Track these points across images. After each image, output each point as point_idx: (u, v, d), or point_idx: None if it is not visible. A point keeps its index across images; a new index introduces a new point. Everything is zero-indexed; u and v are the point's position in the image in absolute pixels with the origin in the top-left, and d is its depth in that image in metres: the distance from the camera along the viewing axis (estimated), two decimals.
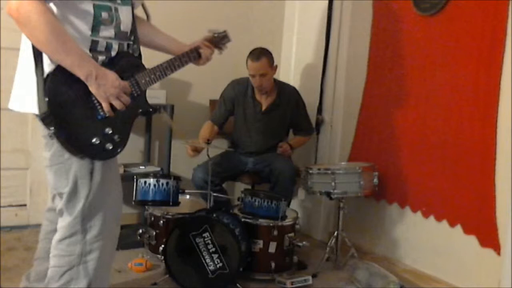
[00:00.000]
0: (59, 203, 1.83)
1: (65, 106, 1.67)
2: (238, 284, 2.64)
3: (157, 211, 2.92)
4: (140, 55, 1.93)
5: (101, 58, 1.77)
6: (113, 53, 1.81)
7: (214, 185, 3.07)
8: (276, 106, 3.39)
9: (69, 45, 1.63)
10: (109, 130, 1.76)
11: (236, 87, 3.42)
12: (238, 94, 3.40)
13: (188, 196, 3.16)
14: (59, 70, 1.65)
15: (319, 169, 2.99)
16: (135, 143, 3.59)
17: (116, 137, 1.78)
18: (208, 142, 2.94)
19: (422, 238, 3.06)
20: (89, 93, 1.70)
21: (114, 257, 1.98)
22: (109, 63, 1.78)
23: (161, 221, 2.89)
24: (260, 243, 2.80)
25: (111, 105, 1.73)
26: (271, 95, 3.39)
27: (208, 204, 2.85)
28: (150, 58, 1.98)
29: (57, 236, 1.83)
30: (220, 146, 3.47)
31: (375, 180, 3.01)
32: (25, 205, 3.45)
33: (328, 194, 2.91)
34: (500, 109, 2.63)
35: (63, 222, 1.81)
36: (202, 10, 3.70)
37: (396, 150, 3.23)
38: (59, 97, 1.66)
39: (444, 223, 2.92)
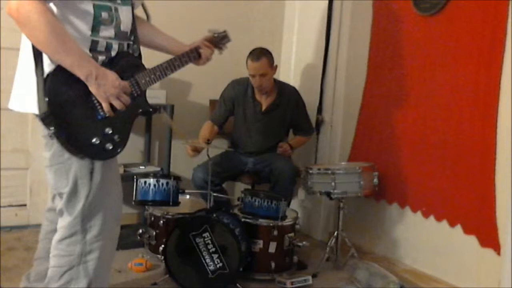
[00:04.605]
0: (59, 203, 1.83)
1: (65, 106, 1.67)
2: (238, 284, 2.64)
3: (157, 211, 2.92)
4: (140, 55, 1.93)
5: (101, 58, 1.77)
6: (113, 53, 1.81)
7: (214, 185, 3.07)
8: (276, 106, 3.39)
9: (69, 45, 1.63)
10: (109, 130, 1.76)
11: (236, 87, 3.42)
12: (238, 94, 3.40)
13: (188, 196, 3.16)
14: (59, 70, 1.65)
15: (319, 169, 2.99)
16: (135, 143, 3.59)
17: (116, 137, 1.78)
18: (208, 142, 2.94)
19: (422, 238, 3.06)
20: (89, 93, 1.70)
21: (114, 257, 1.98)
22: (109, 63, 1.78)
23: (161, 221, 2.89)
24: (260, 243, 2.80)
25: (111, 105, 1.73)
26: (271, 95, 3.39)
27: (208, 204, 2.85)
28: (150, 58, 1.98)
29: (57, 236, 1.83)
30: (220, 146, 3.48)
31: (375, 180, 3.01)
32: (25, 205, 3.45)
33: (328, 194, 2.91)
34: (500, 109, 2.63)
35: (63, 222, 1.81)
36: (202, 10, 3.70)
37: (396, 150, 3.23)
38: (59, 97, 1.66)
39: (444, 223, 2.92)
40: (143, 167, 3.43)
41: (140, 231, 2.96)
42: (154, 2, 2.21)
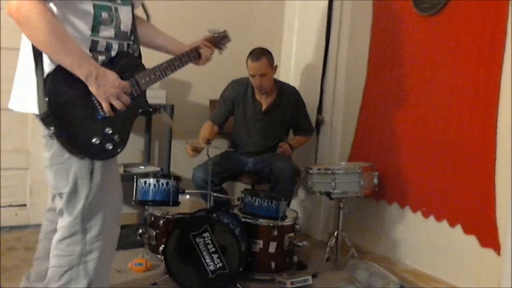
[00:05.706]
0: (59, 203, 1.83)
1: (65, 106, 1.67)
2: (238, 284, 2.64)
3: (157, 211, 2.92)
4: (140, 55, 1.93)
5: (101, 58, 1.77)
6: (113, 53, 1.81)
7: (214, 185, 3.07)
8: (276, 106, 3.39)
9: (69, 45, 1.63)
10: (109, 130, 1.76)
11: (236, 87, 3.42)
12: (238, 94, 3.40)
13: (188, 196, 3.16)
14: (59, 70, 1.65)
15: (319, 169, 2.99)
16: (135, 143, 3.59)
17: (116, 137, 1.78)
18: (208, 142, 2.94)
19: (422, 238, 3.06)
20: (89, 93, 1.70)
21: (114, 257, 1.98)
22: (109, 63, 1.78)
23: (161, 221, 2.89)
24: (260, 243, 2.80)
25: (111, 105, 1.73)
26: (271, 95, 3.39)
27: (208, 204, 2.85)
28: (150, 58, 1.98)
29: (57, 236, 1.83)
30: (220, 146, 3.48)
31: (375, 180, 3.01)
32: (25, 205, 3.45)
33: (328, 194, 2.91)
34: (500, 109, 2.63)
35: (63, 222, 1.81)
36: (202, 10, 3.70)
37: (396, 150, 3.23)
38: (59, 97, 1.66)
39: (444, 223, 2.92)
40: (143, 167, 3.43)
41: (140, 231, 2.96)
42: (154, 2, 2.21)
